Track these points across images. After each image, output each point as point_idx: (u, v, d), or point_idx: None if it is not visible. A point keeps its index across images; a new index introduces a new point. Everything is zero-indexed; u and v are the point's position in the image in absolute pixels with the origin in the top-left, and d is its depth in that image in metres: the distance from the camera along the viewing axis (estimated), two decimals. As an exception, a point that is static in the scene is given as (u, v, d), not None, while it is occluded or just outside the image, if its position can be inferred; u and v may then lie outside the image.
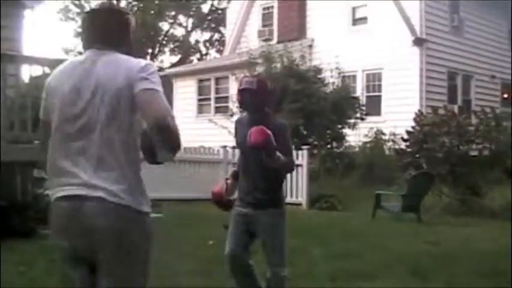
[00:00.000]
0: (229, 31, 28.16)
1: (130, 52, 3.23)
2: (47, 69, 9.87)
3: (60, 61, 10.35)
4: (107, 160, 3.03)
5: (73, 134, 3.06)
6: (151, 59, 40.05)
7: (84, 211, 2.99)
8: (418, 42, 20.31)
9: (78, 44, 39.72)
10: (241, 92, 5.07)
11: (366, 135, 18.92)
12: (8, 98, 9.40)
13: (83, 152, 3.03)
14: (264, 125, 4.76)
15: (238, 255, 5.18)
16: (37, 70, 10.22)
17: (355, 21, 22.14)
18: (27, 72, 10.25)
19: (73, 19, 38.96)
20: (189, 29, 41.68)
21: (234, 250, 5.19)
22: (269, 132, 4.65)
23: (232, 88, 22.43)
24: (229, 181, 5.27)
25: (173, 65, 35.71)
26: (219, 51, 37.69)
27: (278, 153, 4.73)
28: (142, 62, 3.12)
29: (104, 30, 3.21)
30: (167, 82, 31.02)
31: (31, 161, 9.85)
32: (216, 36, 41.02)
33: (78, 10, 38.58)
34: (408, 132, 17.24)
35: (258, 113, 5.02)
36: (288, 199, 15.60)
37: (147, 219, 3.20)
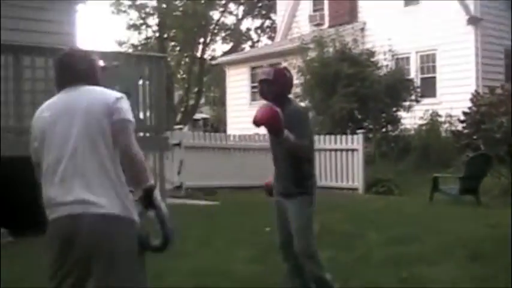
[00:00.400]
0: (280, 17, 28.07)
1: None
2: (101, 63, 10.00)
3: (114, 54, 10.49)
4: (99, 177, 3.29)
5: (61, 158, 3.30)
6: (203, 48, 40.24)
7: (81, 226, 3.21)
8: (473, 21, 19.90)
9: (131, 36, 40.23)
10: (260, 82, 5.31)
11: (422, 118, 18.66)
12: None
13: (75, 173, 3.27)
14: (283, 111, 4.94)
15: (287, 243, 5.31)
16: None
17: (407, 2, 21.78)
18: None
19: (125, 12, 39.36)
20: (240, 16, 41.70)
21: (282, 239, 5.38)
22: (276, 109, 4.84)
23: (285, 74, 22.43)
24: None
25: (225, 54, 35.78)
26: (271, 38, 37.60)
27: (287, 133, 4.89)
28: (116, 93, 3.50)
29: (75, 71, 3.52)
30: (220, 71, 31.18)
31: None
32: (267, 23, 40.93)
33: (129, 3, 38.98)
34: (465, 113, 17.00)
35: (276, 101, 5.15)
36: (344, 184, 15.57)
37: (136, 226, 3.42)
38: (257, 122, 4.98)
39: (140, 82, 10.34)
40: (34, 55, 8.95)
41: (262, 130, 5.33)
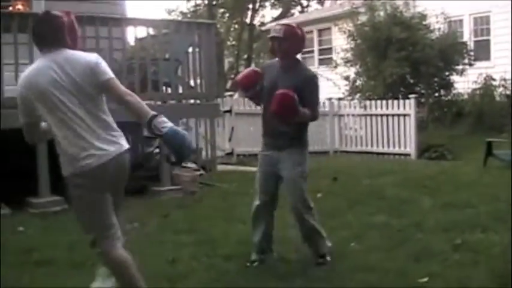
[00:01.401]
0: (329, -19, 27.77)
1: (75, 46, 4.06)
2: (151, 31, 10.05)
3: (164, 21, 10.50)
4: (104, 124, 3.99)
5: (71, 116, 3.90)
6: (253, 14, 40.04)
7: (115, 164, 3.98)
8: (529, -19, 19.35)
9: (180, 4, 40.27)
10: (271, 39, 5.38)
11: (475, 82, 18.33)
12: (115, 62, 9.63)
13: (85, 126, 3.91)
14: (293, 73, 5.23)
15: (270, 202, 5.53)
16: (142, 32, 10.42)
17: (461, -37, 21.27)
18: (132, 35, 10.45)
19: (174, -21, 39.31)
20: (290, -19, 41.32)
21: (265, 198, 5.50)
22: (292, 96, 4.97)
23: (335, 39, 22.23)
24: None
25: (275, 19, 35.57)
26: (321, 3, 37.23)
27: (302, 110, 5.07)
28: (93, 56, 4.04)
29: (47, 34, 4.00)
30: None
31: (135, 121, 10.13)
32: (317, -13, 40.50)
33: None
34: (520, 76, 16.63)
35: (286, 60, 5.33)
36: (396, 149, 15.46)
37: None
38: (274, 114, 5.10)
39: (190, 49, 10.36)
40: (84, 24, 9.01)
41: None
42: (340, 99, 17.75)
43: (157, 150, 10.31)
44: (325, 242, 5.54)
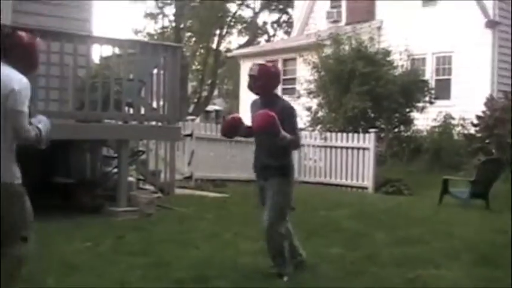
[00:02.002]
0: (297, 12, 28.05)
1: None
2: (117, 50, 10.02)
3: (130, 41, 10.49)
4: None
5: None
6: (219, 40, 40.24)
7: None
8: (491, 24, 19.79)
9: (147, 25, 40.25)
10: (248, 77, 5.96)
11: (435, 119, 18.61)
12: (79, 79, 9.58)
13: None
14: (272, 106, 5.66)
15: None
16: (107, 50, 10.38)
17: (425, 3, 21.66)
18: (97, 53, 10.41)
19: (142, -1, 39.40)
20: (257, 10, 41.66)
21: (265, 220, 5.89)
22: (272, 114, 5.45)
23: (300, 70, 22.39)
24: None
25: (241, 46, 35.80)
26: (287, 33, 37.54)
27: (284, 133, 5.50)
28: (15, 81, 4.13)
29: None
30: (234, 64, 31.14)
31: (100, 139, 10.07)
32: (284, 17, 40.90)
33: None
34: (478, 117, 16.91)
35: (265, 96, 5.91)
36: (354, 182, 15.53)
37: None
38: (256, 131, 5.64)
39: (155, 71, 10.35)
40: (49, 39, 8.94)
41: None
42: (301, 129, 17.81)
43: (115, 170, 10.24)
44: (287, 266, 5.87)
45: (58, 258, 6.40)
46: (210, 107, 42.78)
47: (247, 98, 25.66)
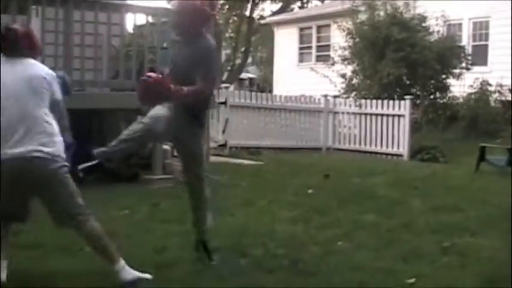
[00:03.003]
0: (331, -22, 27.73)
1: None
2: (150, 18, 10.01)
3: (164, 10, 10.43)
4: None
5: None
6: (252, 7, 39.97)
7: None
8: (530, -12, 19.34)
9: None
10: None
11: (471, 86, 18.36)
12: (113, 48, 9.60)
13: None
14: (190, 47, 4.88)
15: None
16: (141, 19, 10.37)
17: (463, -33, 21.24)
18: (131, 22, 10.41)
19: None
20: (291, -24, 41.22)
21: None
22: (152, 81, 4.72)
23: (334, 37, 22.20)
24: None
25: (274, 13, 35.51)
26: (321, -1, 37.16)
27: (180, 92, 4.74)
28: None
29: None
30: (268, 31, 30.97)
31: (135, 108, 10.09)
32: (318, -17, 40.43)
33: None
34: (516, 83, 16.64)
35: (184, 35, 5.03)
36: (389, 150, 15.46)
37: None
38: (141, 103, 5.04)
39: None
40: (83, 9, 8.97)
41: (310, 91, 5.33)
42: (335, 96, 17.72)
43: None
44: None
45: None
46: (243, 75, 42.67)
47: (281, 65, 25.73)
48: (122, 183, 9.08)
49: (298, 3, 40.92)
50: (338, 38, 20.02)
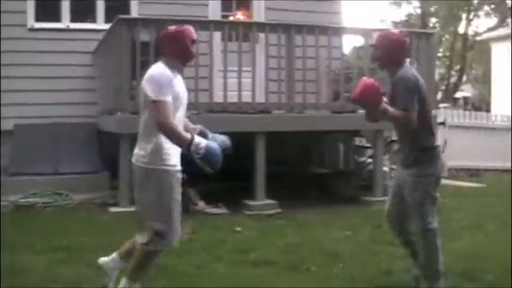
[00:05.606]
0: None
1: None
2: (369, 40, 10.06)
3: (377, 30, 10.47)
4: None
5: None
6: (467, 24, 38.87)
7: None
8: None
9: (391, 12, 39.96)
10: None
11: None
12: (332, 71, 9.78)
13: None
14: (391, 79, 4.93)
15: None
16: (359, 40, 10.48)
17: None
18: (348, 44, 10.56)
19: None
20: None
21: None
22: (371, 84, 4.69)
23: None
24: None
25: (490, 29, 34.30)
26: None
27: (385, 107, 4.71)
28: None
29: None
30: (484, 47, 29.90)
31: (353, 130, 10.18)
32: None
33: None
34: None
35: (386, 68, 5.06)
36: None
37: None
38: (352, 101, 5.05)
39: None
40: (304, 33, 9.21)
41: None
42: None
43: (369, 160, 10.31)
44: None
45: (319, 247, 6.58)
46: (458, 94, 41.53)
47: (499, 82, 24.72)
48: (341, 203, 9.16)
49: (516, 17, 39.22)
50: None
